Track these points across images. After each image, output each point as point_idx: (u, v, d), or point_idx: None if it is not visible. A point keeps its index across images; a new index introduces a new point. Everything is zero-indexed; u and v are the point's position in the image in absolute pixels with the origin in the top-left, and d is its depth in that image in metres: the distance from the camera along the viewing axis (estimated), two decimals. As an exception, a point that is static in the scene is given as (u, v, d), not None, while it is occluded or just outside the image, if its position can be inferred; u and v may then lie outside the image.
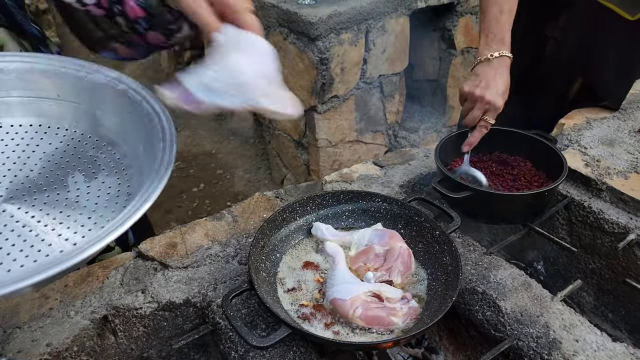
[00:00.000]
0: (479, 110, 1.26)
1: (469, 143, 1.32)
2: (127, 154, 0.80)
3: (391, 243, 1.14)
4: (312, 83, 2.45)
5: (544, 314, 1.04)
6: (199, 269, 1.19)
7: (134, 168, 0.78)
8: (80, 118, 0.82)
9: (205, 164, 3.66)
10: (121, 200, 0.74)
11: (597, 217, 1.32)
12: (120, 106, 0.80)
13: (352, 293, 0.99)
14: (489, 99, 1.22)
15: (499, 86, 1.22)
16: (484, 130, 1.29)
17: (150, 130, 0.74)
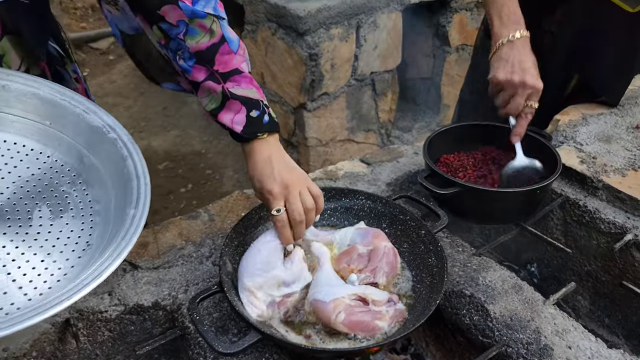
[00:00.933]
0: (522, 97, 1.18)
1: (518, 134, 1.24)
2: (99, 200, 0.78)
3: (375, 242, 1.08)
4: (301, 79, 2.39)
5: (535, 318, 0.97)
6: (170, 270, 1.12)
7: (101, 217, 0.76)
8: (64, 150, 0.82)
9: (194, 164, 3.58)
10: (78, 249, 0.71)
11: (593, 217, 1.26)
12: (105, 153, 0.80)
13: (334, 295, 0.92)
14: (531, 83, 1.15)
15: (532, 68, 1.16)
16: (529, 116, 1.21)
17: (125, 191, 0.73)
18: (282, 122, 2.72)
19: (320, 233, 1.12)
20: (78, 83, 1.16)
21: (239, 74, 0.91)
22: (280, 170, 0.93)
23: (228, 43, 0.89)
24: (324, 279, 0.97)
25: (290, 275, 0.99)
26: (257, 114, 0.93)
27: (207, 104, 0.93)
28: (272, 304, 0.95)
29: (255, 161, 0.94)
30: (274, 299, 0.95)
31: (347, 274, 1.02)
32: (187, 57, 0.88)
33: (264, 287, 0.95)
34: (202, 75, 0.89)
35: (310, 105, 2.48)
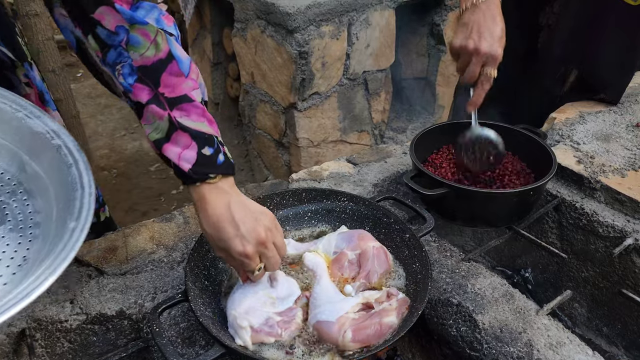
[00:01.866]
0: (477, 65, 1.09)
1: (473, 103, 1.15)
2: (40, 211, 0.71)
3: (362, 245, 1.01)
4: (290, 78, 2.32)
5: (527, 329, 0.90)
6: (138, 275, 1.05)
7: (41, 229, 0.68)
8: (4, 157, 0.75)
9: (187, 165, 3.51)
10: (13, 264, 0.64)
11: (591, 220, 1.19)
12: (48, 161, 0.72)
13: (338, 313, 0.85)
14: (485, 50, 1.06)
15: (493, 32, 1.07)
16: (486, 85, 1.12)
17: (67, 201, 0.65)
18: (272, 122, 2.66)
19: (302, 246, 1.05)
20: (30, 87, 1.08)
21: (188, 102, 0.78)
22: (247, 224, 0.79)
23: (177, 62, 0.78)
24: (324, 296, 0.90)
25: (282, 292, 0.92)
26: (210, 151, 0.79)
27: (150, 132, 0.79)
28: (272, 325, 0.86)
29: (210, 215, 0.79)
30: (273, 320, 0.87)
31: (343, 284, 0.96)
32: (127, 73, 0.76)
33: (256, 306, 0.87)
34: (146, 97, 0.77)
35: (300, 105, 2.41)
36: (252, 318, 0.84)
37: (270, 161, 2.84)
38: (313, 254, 1.02)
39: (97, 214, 1.25)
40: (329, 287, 0.93)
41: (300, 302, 0.93)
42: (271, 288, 0.90)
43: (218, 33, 3.47)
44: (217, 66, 3.64)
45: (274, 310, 0.86)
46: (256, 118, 2.78)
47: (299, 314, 0.89)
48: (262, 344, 0.84)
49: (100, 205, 1.26)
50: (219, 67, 3.66)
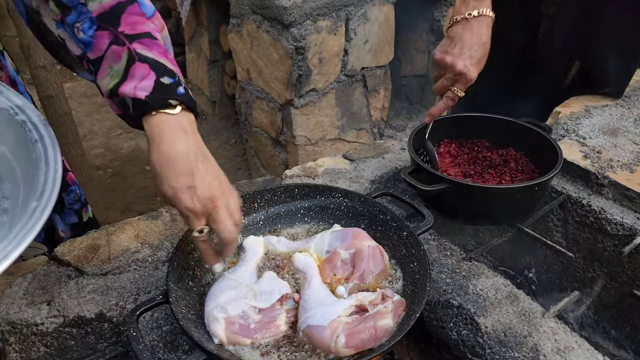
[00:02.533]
0: (448, 80, 1.07)
1: (430, 113, 1.14)
2: (9, 196, 0.65)
3: (356, 244, 0.95)
4: (287, 74, 2.27)
5: (532, 333, 0.84)
6: (120, 276, 0.99)
7: (9, 215, 0.62)
8: None
9: (183, 165, 3.46)
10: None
11: (598, 217, 1.13)
12: (13, 139, 0.67)
13: (330, 317, 0.80)
14: (459, 69, 1.03)
15: (474, 53, 1.03)
16: (449, 102, 1.10)
17: (32, 180, 0.59)
18: (269, 119, 2.60)
19: (294, 244, 0.99)
20: (1, 70, 1.03)
21: (150, 39, 0.73)
22: (203, 178, 0.70)
23: (139, 4, 0.74)
24: (314, 299, 0.85)
25: (265, 286, 0.87)
26: (170, 81, 0.72)
27: (107, 82, 0.72)
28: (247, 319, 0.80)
29: (164, 152, 0.69)
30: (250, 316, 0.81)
31: (335, 285, 0.91)
32: (87, 27, 0.72)
33: (235, 298, 0.82)
34: (105, 42, 0.72)
35: (297, 101, 2.36)
36: (230, 309, 0.78)
37: (267, 160, 2.79)
38: (303, 254, 0.96)
39: (80, 214, 1.19)
40: (320, 289, 0.88)
41: (287, 304, 0.87)
42: (256, 283, 0.85)
43: (215, 30, 3.43)
44: (213, 64, 3.59)
45: (253, 304, 0.81)
46: (252, 116, 2.73)
47: (281, 317, 0.83)
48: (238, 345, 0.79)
49: (83, 205, 1.20)
50: (215, 65, 3.61)
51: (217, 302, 0.80)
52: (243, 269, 0.89)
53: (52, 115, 2.40)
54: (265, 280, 0.87)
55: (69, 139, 2.48)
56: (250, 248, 0.93)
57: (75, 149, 2.52)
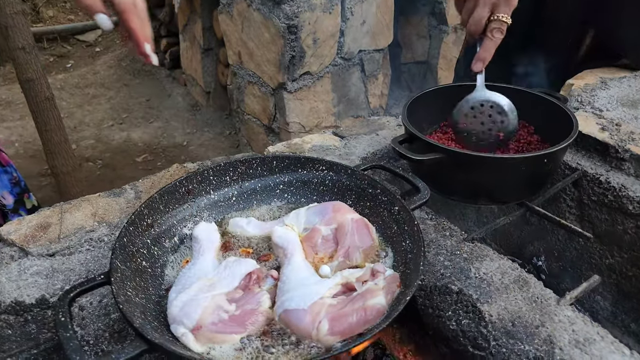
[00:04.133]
0: (485, 9, 0.88)
1: (481, 58, 0.93)
2: None
3: (338, 218, 0.83)
4: (279, 55, 2.14)
5: (546, 323, 0.71)
6: (70, 257, 0.87)
7: None
8: None
9: (175, 156, 3.35)
10: None
11: (618, 195, 0.99)
12: None
13: (312, 299, 0.67)
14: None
15: None
16: (497, 35, 0.91)
17: None
18: (261, 105, 2.48)
19: (266, 225, 0.86)
20: None
21: None
22: None
23: None
24: (294, 279, 0.72)
25: (223, 272, 0.74)
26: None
27: None
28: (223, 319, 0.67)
29: None
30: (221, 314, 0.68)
31: (319, 266, 0.78)
32: None
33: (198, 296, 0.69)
34: None
35: (290, 85, 2.23)
36: (192, 312, 0.65)
37: (260, 149, 2.66)
38: (284, 228, 0.83)
39: (22, 200, 1.07)
40: (301, 268, 0.75)
41: (266, 283, 0.75)
42: (214, 271, 0.72)
43: (208, 17, 3.31)
44: (207, 52, 3.47)
45: (215, 292, 0.68)
46: (245, 102, 2.60)
47: (265, 300, 0.70)
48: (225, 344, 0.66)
49: (23, 191, 1.08)
50: (209, 53, 3.49)
51: (175, 308, 0.67)
52: (201, 261, 0.76)
53: (32, 100, 2.28)
54: (223, 264, 0.75)
55: (51, 125, 2.36)
56: (204, 237, 0.80)
57: (57, 136, 2.40)
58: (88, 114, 3.88)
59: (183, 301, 0.66)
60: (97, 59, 4.74)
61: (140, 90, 4.20)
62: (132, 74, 4.39)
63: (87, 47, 5.04)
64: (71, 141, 3.66)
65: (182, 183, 0.87)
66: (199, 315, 0.64)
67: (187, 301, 0.66)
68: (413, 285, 0.65)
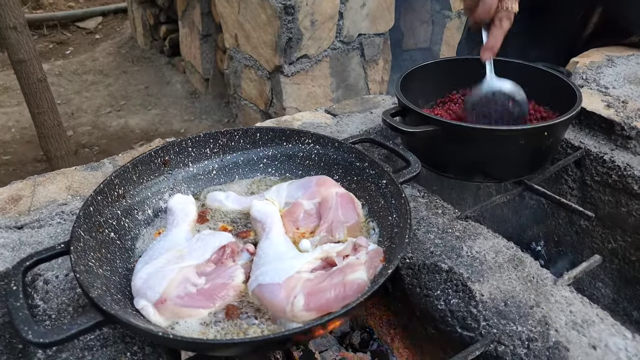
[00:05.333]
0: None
1: (489, 47, 0.91)
2: None
3: (322, 192, 0.78)
4: (275, 37, 2.08)
5: (541, 303, 0.66)
6: (39, 230, 0.82)
7: None
8: None
9: (172, 143, 3.29)
10: None
11: (623, 175, 0.94)
12: None
13: (287, 273, 0.62)
14: None
15: None
16: (505, 23, 0.88)
17: None
18: (257, 90, 2.42)
19: (246, 200, 0.81)
20: None
21: None
22: None
23: None
24: (271, 253, 0.67)
25: (196, 244, 0.69)
26: None
27: None
28: (190, 292, 0.62)
29: None
30: (188, 286, 0.63)
31: (299, 241, 0.73)
32: None
33: (165, 267, 0.64)
34: None
35: (287, 69, 2.17)
36: (156, 284, 0.60)
37: (257, 135, 2.61)
38: (263, 202, 0.78)
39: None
40: (279, 242, 0.70)
41: (241, 258, 0.70)
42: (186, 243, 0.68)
43: (207, 2, 3.25)
44: (206, 38, 3.42)
45: (184, 264, 0.63)
46: (241, 87, 2.55)
47: (238, 275, 0.66)
48: (190, 319, 0.61)
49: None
50: (208, 39, 3.43)
51: (139, 280, 0.62)
52: (173, 233, 0.71)
53: (25, 81, 2.24)
54: (196, 236, 0.70)
55: (44, 108, 2.32)
56: (179, 209, 0.76)
57: (51, 119, 2.36)
58: (86, 100, 3.84)
59: (148, 273, 0.62)
60: (96, 46, 4.69)
61: (139, 77, 4.15)
62: (132, 61, 4.34)
63: (87, 34, 4.99)
64: (68, 127, 3.63)
65: (158, 153, 0.82)
66: (163, 288, 0.60)
67: (153, 273, 0.62)
68: (396, 258, 0.60)
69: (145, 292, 0.60)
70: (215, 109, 3.59)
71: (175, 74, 4.08)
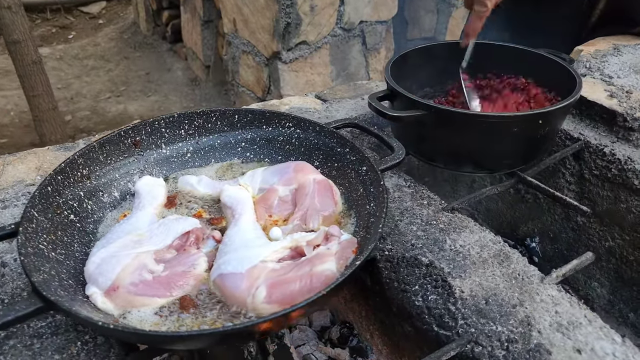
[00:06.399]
0: None
1: (467, 32, 0.91)
2: None
3: (299, 178, 0.74)
4: (273, 22, 2.03)
5: (525, 302, 0.61)
6: (3, 211, 0.79)
7: None
8: None
9: (171, 130, 3.26)
10: None
11: (623, 169, 0.88)
12: None
13: (250, 262, 0.58)
14: None
15: None
16: (479, 8, 0.87)
17: None
18: (255, 76, 2.37)
19: (219, 184, 0.77)
20: None
21: None
22: None
23: None
24: (238, 240, 0.63)
25: (157, 229, 0.65)
26: None
27: None
28: (145, 279, 0.58)
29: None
30: (144, 274, 0.59)
31: (270, 228, 0.69)
32: None
33: (120, 252, 0.60)
34: None
35: (285, 55, 2.12)
36: (108, 269, 0.56)
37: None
38: (236, 187, 0.74)
39: None
40: (248, 229, 0.66)
41: (206, 245, 0.66)
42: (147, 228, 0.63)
43: (209, -13, 3.19)
44: (207, 24, 3.36)
45: (141, 250, 0.59)
46: (239, 74, 2.50)
47: (200, 263, 0.62)
48: (144, 308, 0.57)
49: None
50: (209, 25, 3.38)
51: (91, 265, 0.58)
52: (138, 216, 0.67)
53: (19, 63, 2.21)
54: (160, 221, 0.66)
55: (39, 91, 2.29)
56: (147, 191, 0.71)
57: (46, 102, 2.33)
58: (86, 85, 3.81)
59: (102, 257, 0.58)
60: (99, 31, 4.65)
61: (140, 63, 4.11)
62: (134, 47, 4.30)
63: (90, 18, 4.95)
64: (67, 112, 3.61)
65: (128, 133, 0.78)
66: (116, 274, 0.56)
67: (106, 258, 0.58)
68: (367, 249, 0.56)
69: (97, 279, 0.56)
70: (216, 96, 3.55)
71: (177, 60, 4.03)
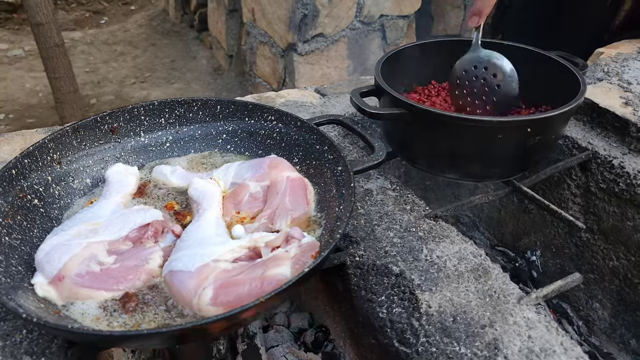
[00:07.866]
0: None
1: (475, 12, 0.84)
2: None
3: (272, 174, 0.71)
4: (289, 12, 1.99)
5: (496, 323, 0.56)
6: (-19, 191, 0.78)
7: None
8: None
9: (190, 118, 3.29)
10: None
11: (632, 183, 0.81)
12: None
13: (202, 260, 0.55)
14: None
15: None
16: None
17: None
18: (271, 67, 2.35)
19: (191, 176, 0.74)
20: None
21: None
22: None
23: None
24: (196, 237, 0.61)
25: (117, 218, 0.63)
26: None
27: None
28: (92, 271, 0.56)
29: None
30: (93, 265, 0.57)
31: (235, 225, 0.66)
32: None
33: (71, 240, 0.58)
34: None
35: (301, 47, 2.08)
36: (55, 258, 0.55)
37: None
38: (205, 180, 0.72)
39: None
40: (209, 225, 0.63)
41: (165, 240, 0.64)
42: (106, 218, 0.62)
43: (235, -24, 3.18)
44: (232, 14, 3.35)
45: (93, 240, 0.57)
46: (256, 64, 2.48)
47: (155, 258, 0.60)
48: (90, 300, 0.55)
49: None
50: (234, 14, 3.37)
51: (40, 252, 0.56)
52: (102, 205, 0.65)
53: (42, 46, 2.25)
54: (122, 211, 0.64)
55: (60, 73, 2.33)
56: (116, 179, 0.70)
57: (66, 85, 2.37)
58: (112, 70, 3.88)
59: (52, 245, 0.56)
60: (129, 17, 4.73)
61: (166, 50, 4.16)
62: (161, 34, 4.35)
63: (123, 4, 5.04)
64: (92, 96, 3.69)
65: (105, 119, 0.77)
66: (62, 264, 0.54)
67: (57, 246, 0.56)
68: (321, 255, 0.52)
69: (44, 267, 0.54)
70: (237, 86, 3.55)
71: (202, 49, 4.06)
